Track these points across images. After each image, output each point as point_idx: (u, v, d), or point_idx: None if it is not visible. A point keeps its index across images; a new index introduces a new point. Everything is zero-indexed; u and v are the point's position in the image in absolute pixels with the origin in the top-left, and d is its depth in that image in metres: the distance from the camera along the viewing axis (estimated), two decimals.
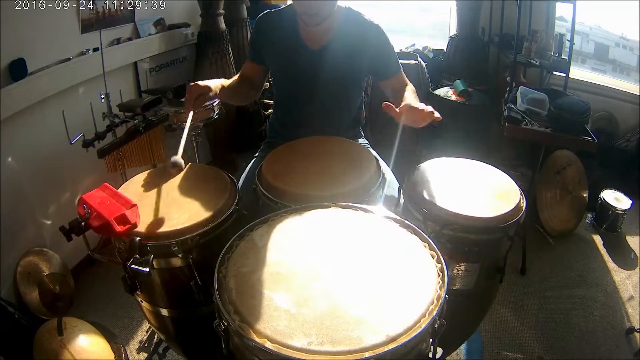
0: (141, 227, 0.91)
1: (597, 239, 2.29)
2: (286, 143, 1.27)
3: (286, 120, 1.45)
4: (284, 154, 1.20)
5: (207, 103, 1.17)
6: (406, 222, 0.88)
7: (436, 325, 0.66)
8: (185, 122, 1.08)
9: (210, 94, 1.12)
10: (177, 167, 0.97)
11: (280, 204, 0.99)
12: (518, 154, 2.58)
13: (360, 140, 1.47)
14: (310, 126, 1.35)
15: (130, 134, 1.73)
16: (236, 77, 1.37)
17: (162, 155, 1.93)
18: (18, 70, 1.55)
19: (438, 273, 0.74)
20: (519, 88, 2.12)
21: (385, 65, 1.31)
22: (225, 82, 1.26)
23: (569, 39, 2.24)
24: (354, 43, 1.25)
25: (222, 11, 2.44)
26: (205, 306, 0.97)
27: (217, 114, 1.98)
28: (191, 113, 1.09)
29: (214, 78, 2.63)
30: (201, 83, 1.11)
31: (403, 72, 1.34)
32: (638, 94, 2.59)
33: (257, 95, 1.46)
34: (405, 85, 1.31)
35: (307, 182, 1.04)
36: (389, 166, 1.32)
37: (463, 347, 1.54)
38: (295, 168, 1.11)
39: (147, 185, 1.07)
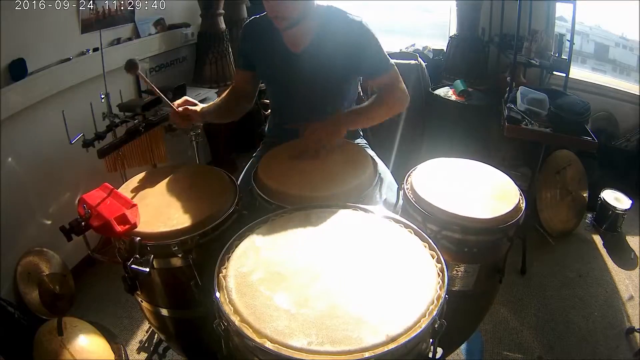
0: (141, 227, 0.91)
1: (597, 239, 2.29)
2: (282, 144, 1.27)
3: (281, 121, 1.45)
4: (280, 154, 1.20)
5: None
6: (406, 222, 0.88)
7: (436, 326, 0.66)
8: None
9: (197, 108, 1.22)
10: (131, 66, 1.05)
11: (276, 205, 0.99)
12: (518, 154, 2.58)
13: (359, 140, 1.47)
14: None
15: (130, 134, 1.73)
16: (224, 94, 1.36)
17: (162, 156, 1.93)
18: (18, 70, 1.55)
19: (438, 273, 0.74)
20: (519, 88, 2.12)
21: (369, 64, 1.24)
22: (211, 104, 1.31)
23: (569, 39, 2.24)
24: (334, 43, 1.20)
25: (222, 11, 2.44)
26: (205, 306, 0.97)
27: None
28: (170, 103, 1.21)
29: (213, 78, 2.64)
30: (192, 100, 1.22)
31: (395, 72, 1.27)
32: (638, 94, 2.59)
33: (250, 106, 1.42)
34: (393, 90, 1.24)
35: (302, 183, 1.04)
36: (388, 167, 1.32)
37: (463, 347, 1.54)
38: (291, 169, 1.11)
39: (147, 185, 1.07)
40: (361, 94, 1.53)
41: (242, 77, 1.37)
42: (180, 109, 1.22)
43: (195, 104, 1.22)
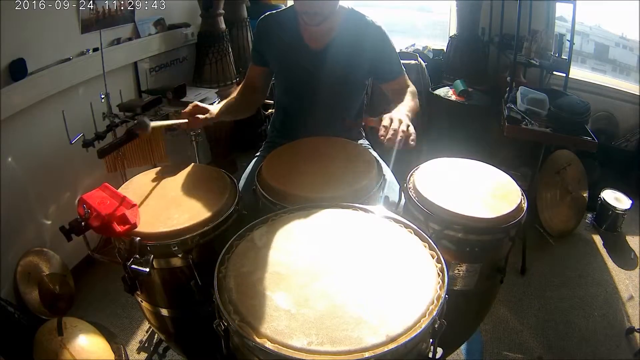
0: (141, 227, 0.91)
1: (597, 239, 2.29)
2: (286, 144, 1.27)
3: (287, 120, 1.45)
4: (284, 154, 1.20)
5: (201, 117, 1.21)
6: (406, 222, 0.88)
7: (436, 325, 0.66)
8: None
9: (207, 115, 1.19)
10: (142, 127, 1.04)
11: (279, 205, 0.99)
12: (518, 154, 2.58)
13: (361, 141, 1.47)
14: (311, 126, 1.34)
15: (130, 134, 1.73)
16: (237, 89, 1.39)
17: (162, 155, 1.93)
18: (18, 70, 1.55)
19: (438, 273, 0.74)
20: (519, 88, 2.12)
21: (386, 68, 1.30)
22: (226, 102, 1.30)
23: (569, 39, 2.24)
24: (355, 43, 1.25)
25: (222, 11, 2.44)
26: (205, 306, 0.97)
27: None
28: (184, 121, 1.18)
29: (213, 78, 2.64)
30: (202, 104, 1.19)
31: (406, 75, 1.34)
32: (638, 94, 2.59)
33: (264, 99, 1.46)
34: (407, 87, 1.31)
35: (307, 184, 1.04)
36: (389, 167, 1.32)
37: (463, 347, 1.54)
38: (296, 169, 1.11)
39: (147, 185, 1.07)
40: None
41: (256, 72, 1.39)
42: (189, 119, 1.18)
43: (206, 110, 1.19)
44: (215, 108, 1.23)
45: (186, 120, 1.18)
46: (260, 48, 1.34)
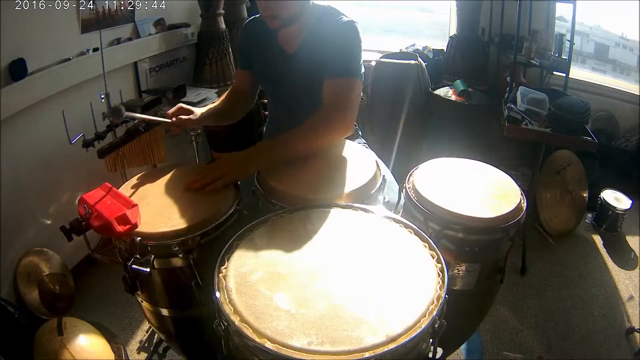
0: (142, 227, 0.91)
1: (597, 239, 2.29)
2: None
3: (280, 122, 1.45)
4: None
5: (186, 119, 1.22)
6: (406, 222, 0.88)
7: (436, 325, 0.66)
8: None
9: (191, 116, 1.18)
10: (115, 113, 1.06)
11: (279, 205, 0.99)
12: (518, 154, 2.58)
13: (358, 140, 1.47)
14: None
15: (130, 134, 1.73)
16: (223, 96, 1.36)
17: (162, 156, 1.93)
18: (18, 70, 1.55)
19: (438, 273, 0.74)
20: (519, 88, 2.12)
21: (332, 61, 1.13)
22: (211, 106, 1.29)
23: (569, 39, 2.24)
24: (324, 43, 1.17)
25: (222, 11, 2.44)
26: (205, 306, 0.97)
27: None
28: (167, 120, 1.18)
29: (213, 78, 2.64)
30: (186, 106, 1.19)
31: (352, 86, 1.13)
32: (638, 94, 2.59)
33: (251, 106, 1.42)
34: (334, 104, 1.11)
35: (307, 185, 1.04)
36: (388, 167, 1.32)
37: (463, 347, 1.54)
38: (295, 170, 1.11)
39: (148, 185, 1.07)
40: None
41: (242, 76, 1.37)
42: (174, 118, 1.18)
43: (190, 111, 1.19)
44: (199, 110, 1.21)
45: (168, 120, 1.16)
46: (245, 51, 1.32)
